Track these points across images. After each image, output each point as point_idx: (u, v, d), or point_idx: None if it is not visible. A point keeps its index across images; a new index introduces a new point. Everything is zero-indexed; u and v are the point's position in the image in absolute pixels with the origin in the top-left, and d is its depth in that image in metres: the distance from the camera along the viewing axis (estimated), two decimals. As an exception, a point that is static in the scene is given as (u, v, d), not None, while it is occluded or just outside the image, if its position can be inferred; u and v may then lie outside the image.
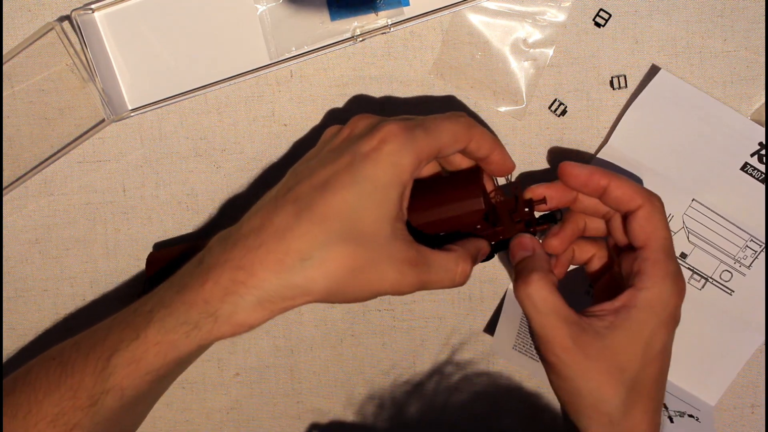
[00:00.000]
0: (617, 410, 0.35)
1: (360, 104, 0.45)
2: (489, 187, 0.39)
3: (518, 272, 0.37)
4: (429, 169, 0.40)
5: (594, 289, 0.42)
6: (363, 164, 0.33)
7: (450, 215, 0.38)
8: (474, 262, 0.37)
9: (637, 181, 0.45)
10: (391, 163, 0.34)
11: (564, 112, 0.45)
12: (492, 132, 0.42)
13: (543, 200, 0.39)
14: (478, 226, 0.39)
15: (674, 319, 0.36)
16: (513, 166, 0.39)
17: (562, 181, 0.39)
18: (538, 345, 0.36)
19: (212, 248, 0.35)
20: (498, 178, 0.41)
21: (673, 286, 0.36)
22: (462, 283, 0.37)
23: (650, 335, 0.35)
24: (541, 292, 0.35)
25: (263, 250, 0.33)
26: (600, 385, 0.35)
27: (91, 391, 0.34)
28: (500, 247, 0.40)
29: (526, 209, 0.39)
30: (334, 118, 0.46)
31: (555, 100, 0.45)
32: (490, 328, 0.48)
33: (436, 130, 0.35)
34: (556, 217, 0.40)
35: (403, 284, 0.34)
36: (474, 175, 0.38)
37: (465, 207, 0.38)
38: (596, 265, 0.41)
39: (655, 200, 0.37)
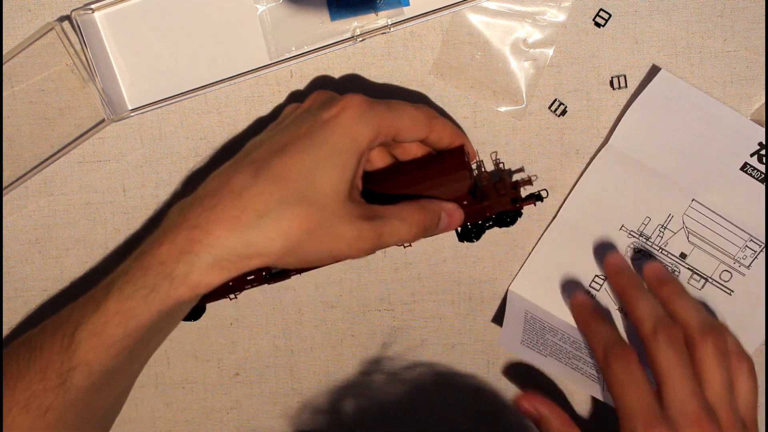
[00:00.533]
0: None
1: (360, 104, 0.45)
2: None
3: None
4: (414, 151, 0.41)
5: None
6: (322, 130, 0.34)
7: (437, 190, 0.39)
8: (435, 218, 0.38)
9: (638, 182, 0.45)
10: (350, 131, 0.35)
11: (564, 112, 0.45)
12: (456, 123, 0.43)
13: (529, 181, 0.43)
14: (465, 202, 0.40)
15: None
16: (474, 156, 0.41)
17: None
18: None
19: (170, 214, 0.35)
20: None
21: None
22: (419, 235, 0.37)
23: None
24: None
25: (219, 208, 0.33)
26: None
27: (59, 369, 0.33)
28: (485, 228, 0.42)
29: (513, 189, 0.42)
30: (334, 118, 0.46)
31: (555, 100, 0.45)
32: (497, 320, 0.48)
33: (399, 110, 0.37)
34: (541, 196, 0.43)
35: (360, 240, 0.35)
36: (459, 151, 0.40)
37: (452, 181, 0.39)
38: None
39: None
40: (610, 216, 0.45)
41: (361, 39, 0.44)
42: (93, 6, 0.43)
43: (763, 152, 0.43)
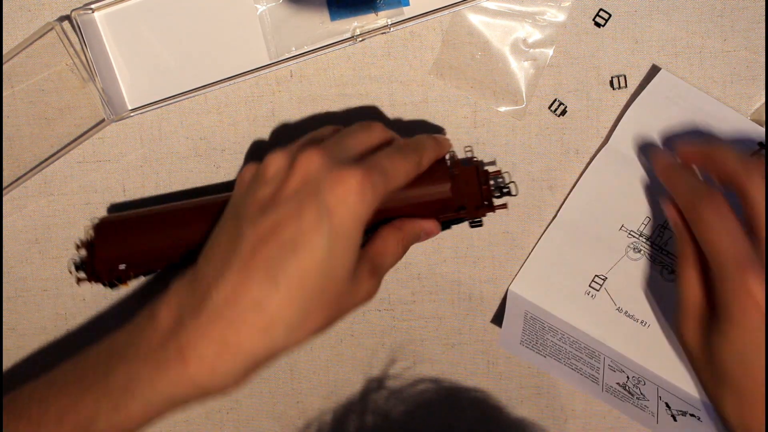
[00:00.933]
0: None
1: (360, 104, 0.45)
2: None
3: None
4: None
5: None
6: (330, 219, 0.33)
7: (422, 203, 0.40)
8: (416, 239, 0.39)
9: (637, 182, 0.45)
10: (357, 216, 0.34)
11: (564, 112, 0.45)
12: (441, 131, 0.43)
13: (499, 172, 0.44)
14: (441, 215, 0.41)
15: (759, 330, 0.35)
16: (449, 146, 0.41)
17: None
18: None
19: (183, 318, 0.33)
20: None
21: (744, 298, 0.35)
22: (402, 256, 0.39)
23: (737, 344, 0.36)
24: (682, 280, 0.40)
25: (243, 323, 0.32)
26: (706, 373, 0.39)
27: None
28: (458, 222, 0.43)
29: (486, 202, 0.41)
30: (334, 118, 0.46)
31: (555, 100, 0.45)
32: (497, 320, 0.48)
33: (394, 173, 0.36)
34: (512, 192, 0.44)
35: (371, 294, 0.37)
36: (441, 164, 0.40)
37: (435, 194, 0.40)
38: None
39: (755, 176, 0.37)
40: (610, 216, 0.45)
41: (361, 39, 0.44)
42: (93, 6, 0.43)
43: (763, 152, 0.43)
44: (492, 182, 0.43)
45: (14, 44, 0.44)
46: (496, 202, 0.42)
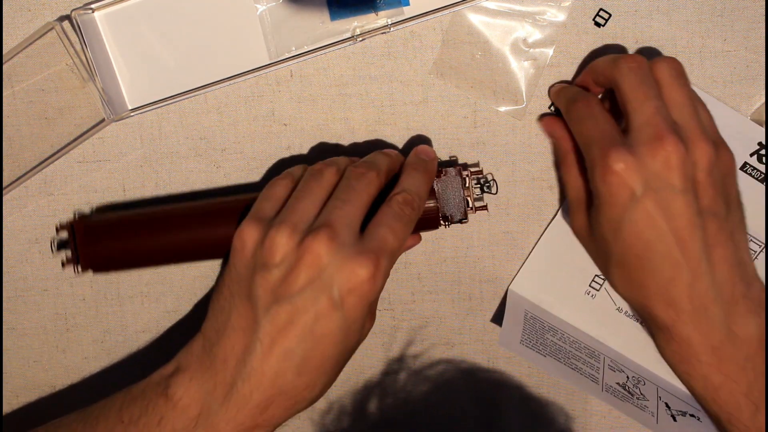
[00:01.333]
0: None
1: (360, 104, 0.45)
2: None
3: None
4: None
5: None
6: (343, 309, 0.35)
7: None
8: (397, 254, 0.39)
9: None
10: (369, 300, 0.35)
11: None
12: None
13: (477, 164, 0.45)
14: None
15: (618, 197, 0.36)
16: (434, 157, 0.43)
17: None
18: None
19: (211, 406, 0.35)
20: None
21: (602, 172, 0.36)
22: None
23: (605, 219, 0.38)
24: (564, 174, 0.43)
25: (274, 406, 0.35)
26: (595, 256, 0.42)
27: None
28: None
29: (470, 206, 0.43)
30: (335, 118, 0.46)
31: (552, 103, 0.45)
32: (497, 320, 0.48)
33: (398, 243, 0.37)
34: (491, 190, 0.45)
35: (369, 330, 0.39)
36: (434, 217, 0.42)
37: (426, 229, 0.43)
38: None
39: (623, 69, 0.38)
40: (610, 216, 0.45)
41: (361, 39, 0.44)
42: (93, 6, 0.43)
43: (762, 152, 0.43)
44: (475, 181, 0.44)
45: (14, 44, 0.44)
46: (479, 203, 0.44)
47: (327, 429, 0.49)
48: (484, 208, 0.44)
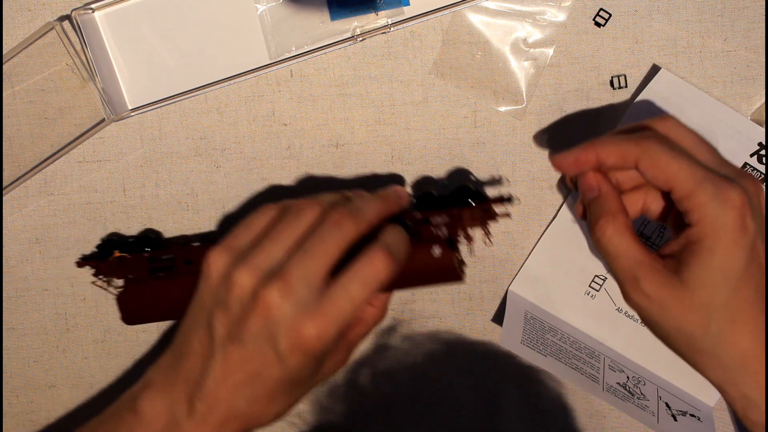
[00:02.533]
0: (710, 345, 0.34)
1: (360, 104, 0.45)
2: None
3: (590, 218, 0.37)
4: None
5: (668, 224, 0.40)
6: (287, 363, 0.35)
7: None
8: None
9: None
10: (315, 355, 0.36)
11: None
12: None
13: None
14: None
15: (743, 231, 0.33)
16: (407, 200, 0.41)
17: (561, 171, 0.39)
18: (621, 289, 0.36)
19: (178, 419, 0.36)
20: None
21: (722, 204, 0.33)
22: (382, 315, 0.40)
23: (722, 261, 0.33)
24: (612, 239, 0.35)
25: (234, 425, 0.37)
26: (683, 324, 0.34)
27: None
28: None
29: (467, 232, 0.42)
30: (335, 118, 0.46)
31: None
32: (497, 319, 0.48)
33: (345, 312, 0.35)
34: (492, 215, 0.42)
35: (340, 366, 0.40)
36: (452, 272, 0.41)
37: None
38: (656, 207, 0.39)
39: (651, 144, 0.35)
40: (610, 216, 0.45)
41: (361, 39, 0.44)
42: (93, 6, 0.43)
43: (762, 152, 0.43)
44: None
45: (14, 44, 0.44)
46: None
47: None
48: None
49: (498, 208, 0.42)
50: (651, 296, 0.34)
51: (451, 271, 0.40)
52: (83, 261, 0.45)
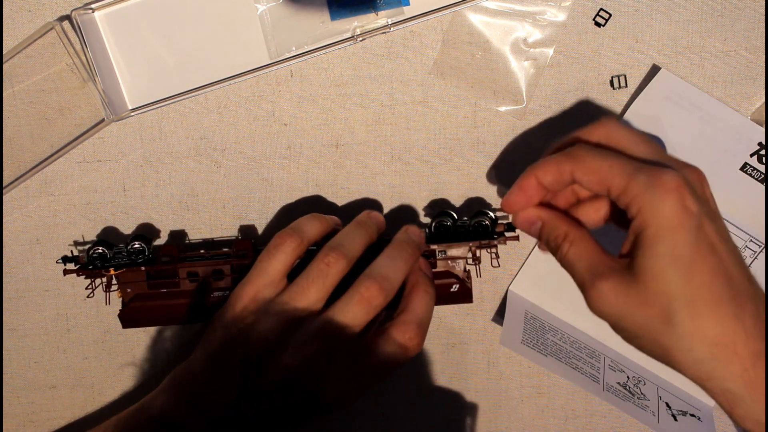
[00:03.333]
0: (677, 338, 0.32)
1: (360, 104, 0.45)
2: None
3: (550, 249, 0.37)
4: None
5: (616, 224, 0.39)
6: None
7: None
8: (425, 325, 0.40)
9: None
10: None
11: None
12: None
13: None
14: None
15: (685, 214, 0.32)
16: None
17: (513, 210, 0.38)
18: (585, 300, 0.35)
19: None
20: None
21: (657, 189, 0.32)
22: (417, 347, 0.40)
23: (668, 247, 0.32)
24: (568, 254, 0.35)
25: None
26: (645, 320, 0.33)
27: None
28: None
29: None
30: (335, 118, 0.46)
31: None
32: (497, 319, 0.48)
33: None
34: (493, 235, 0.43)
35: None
36: (466, 298, 0.45)
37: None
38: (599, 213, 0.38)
39: (581, 152, 0.35)
40: (610, 216, 0.45)
41: (361, 39, 0.44)
42: (93, 6, 0.43)
43: (762, 152, 0.43)
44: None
45: (14, 44, 0.44)
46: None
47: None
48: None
49: (509, 234, 0.43)
50: (610, 297, 0.33)
51: (465, 298, 0.44)
52: (68, 270, 0.44)
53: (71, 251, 0.47)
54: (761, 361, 0.31)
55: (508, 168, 0.46)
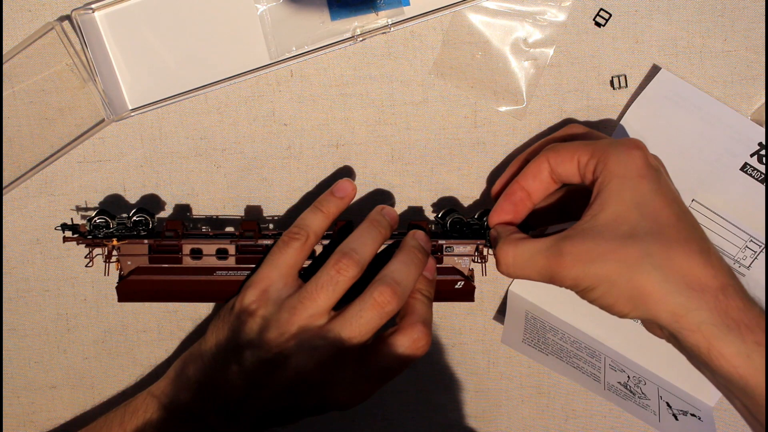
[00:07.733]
0: (651, 275, 0.33)
1: (360, 104, 0.45)
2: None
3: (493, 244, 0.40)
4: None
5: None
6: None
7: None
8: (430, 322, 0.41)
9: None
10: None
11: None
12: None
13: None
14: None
15: (647, 166, 0.35)
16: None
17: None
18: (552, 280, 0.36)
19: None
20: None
21: (621, 148, 0.36)
22: (425, 347, 0.40)
23: (632, 191, 0.35)
24: (508, 259, 0.38)
25: None
26: (619, 266, 0.34)
27: None
28: None
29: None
30: (335, 118, 0.46)
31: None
32: (498, 318, 0.48)
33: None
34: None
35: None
36: (468, 297, 0.44)
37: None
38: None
39: (551, 147, 0.39)
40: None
41: (361, 39, 0.44)
42: (93, 6, 0.43)
43: (762, 152, 0.43)
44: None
45: (14, 44, 0.44)
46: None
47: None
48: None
49: None
50: (581, 254, 0.34)
51: (467, 296, 0.44)
52: (70, 235, 0.42)
53: (71, 219, 0.46)
54: (728, 291, 0.33)
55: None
